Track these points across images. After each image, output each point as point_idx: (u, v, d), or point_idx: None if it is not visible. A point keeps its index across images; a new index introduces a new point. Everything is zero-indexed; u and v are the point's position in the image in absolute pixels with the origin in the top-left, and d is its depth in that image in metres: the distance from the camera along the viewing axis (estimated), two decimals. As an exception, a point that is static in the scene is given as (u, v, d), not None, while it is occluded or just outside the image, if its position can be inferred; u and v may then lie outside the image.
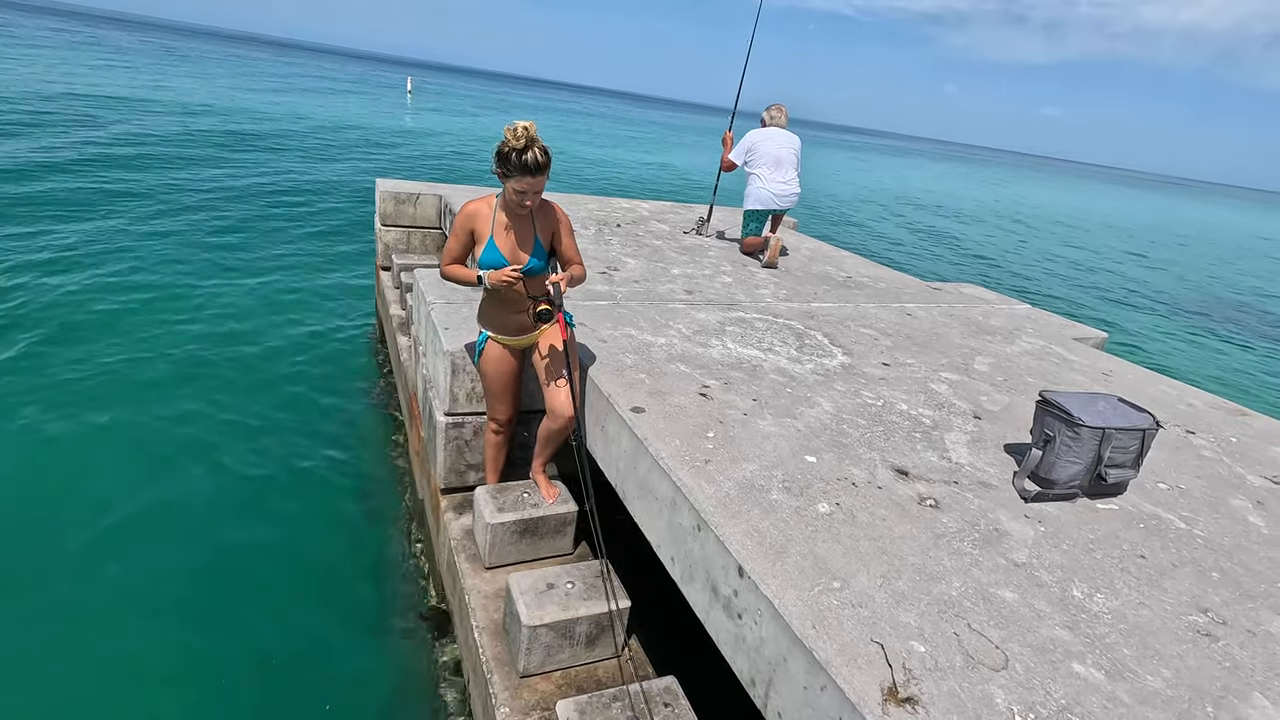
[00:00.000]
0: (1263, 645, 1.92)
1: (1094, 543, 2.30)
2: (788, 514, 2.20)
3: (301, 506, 4.34)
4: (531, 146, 2.49)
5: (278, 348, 6.51)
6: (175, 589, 3.55)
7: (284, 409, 5.45)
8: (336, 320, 7.44)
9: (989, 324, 4.94)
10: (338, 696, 3.09)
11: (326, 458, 4.90)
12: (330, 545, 4.03)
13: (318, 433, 5.20)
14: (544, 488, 3.20)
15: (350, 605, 3.61)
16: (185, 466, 4.55)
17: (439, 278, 4.25)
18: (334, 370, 6.27)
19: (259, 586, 3.64)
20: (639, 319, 3.89)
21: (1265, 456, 3.26)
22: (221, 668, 3.14)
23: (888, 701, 1.54)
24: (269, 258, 9.11)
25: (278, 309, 7.47)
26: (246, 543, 3.95)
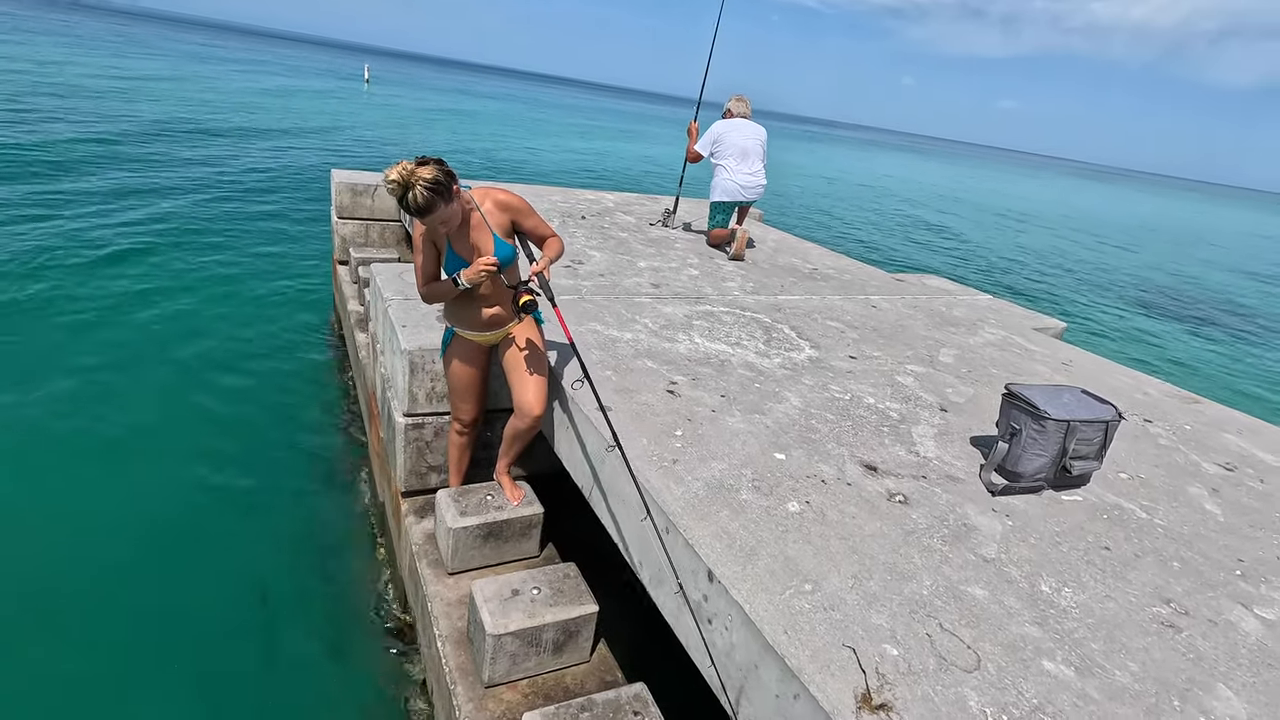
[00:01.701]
0: (1224, 635, 1.94)
1: (1060, 535, 2.30)
2: (757, 514, 2.16)
3: (256, 511, 4.16)
4: (409, 191, 2.26)
5: (228, 345, 6.26)
6: (124, 598, 3.36)
7: (236, 408, 5.24)
8: (292, 316, 7.18)
9: (952, 315, 4.98)
10: (299, 710, 2.96)
11: (282, 460, 4.71)
12: (287, 552, 3.88)
13: (273, 433, 5.01)
14: (509, 489, 3.11)
15: (309, 616, 3.47)
16: (132, 469, 4.34)
17: (396, 272, 4.11)
18: (290, 367, 6.05)
19: (209, 597, 3.48)
20: (605, 314, 3.81)
21: (1218, 444, 3.33)
22: (175, 683, 2.98)
23: (861, 709, 1.51)
24: (218, 252, 8.76)
25: (228, 304, 7.19)
26: (197, 551, 3.77)
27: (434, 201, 2.29)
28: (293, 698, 3.02)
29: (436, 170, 2.31)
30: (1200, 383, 9.91)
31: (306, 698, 3.03)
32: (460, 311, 2.79)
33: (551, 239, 2.74)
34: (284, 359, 6.17)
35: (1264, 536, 2.51)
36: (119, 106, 18.42)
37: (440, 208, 2.32)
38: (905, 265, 14.59)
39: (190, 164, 13.30)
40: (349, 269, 6.76)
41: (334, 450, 4.94)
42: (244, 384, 5.63)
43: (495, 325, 2.81)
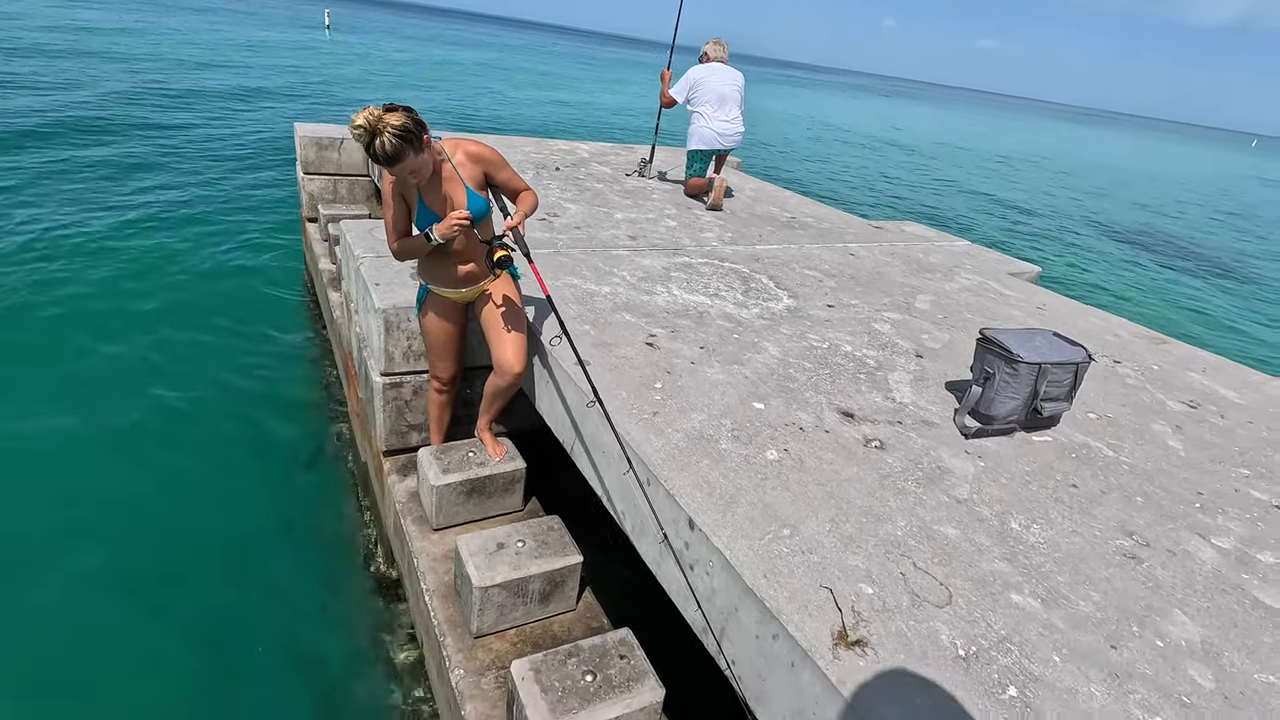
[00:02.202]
0: (1181, 564, 2.03)
1: (1030, 475, 2.37)
2: (737, 463, 2.19)
3: (238, 476, 4.14)
4: (376, 138, 2.17)
5: (197, 309, 6.11)
6: (112, 564, 3.36)
7: (210, 373, 5.15)
8: (261, 277, 7.01)
9: (929, 262, 5.00)
10: (290, 668, 3.01)
11: (262, 423, 4.67)
12: (272, 514, 3.88)
13: (250, 397, 4.95)
14: (490, 446, 3.12)
15: (297, 575, 3.50)
16: (110, 434, 4.28)
17: (367, 229, 4.01)
18: (262, 330, 5.93)
19: (197, 560, 3.48)
20: (582, 267, 3.77)
21: (1183, 382, 3.42)
22: (164, 642, 3.01)
23: (838, 645, 1.57)
24: (179, 209, 8.47)
25: (193, 268, 6.97)
26: (182, 515, 3.76)
27: (403, 150, 2.21)
28: (283, 653, 3.06)
29: (405, 117, 2.22)
30: (1172, 323, 10.11)
31: (297, 653, 3.08)
32: (434, 268, 2.74)
33: (525, 193, 2.68)
34: (256, 322, 6.05)
35: (1222, 470, 2.60)
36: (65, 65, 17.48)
37: (409, 157, 2.25)
38: (884, 213, 14.56)
39: (142, 122, 12.73)
40: (318, 227, 6.59)
41: (312, 412, 4.90)
42: (215, 347, 5.52)
43: (470, 282, 2.76)
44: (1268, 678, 1.66)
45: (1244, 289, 13.14)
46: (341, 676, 3.01)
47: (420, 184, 2.44)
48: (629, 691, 2.10)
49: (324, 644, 3.14)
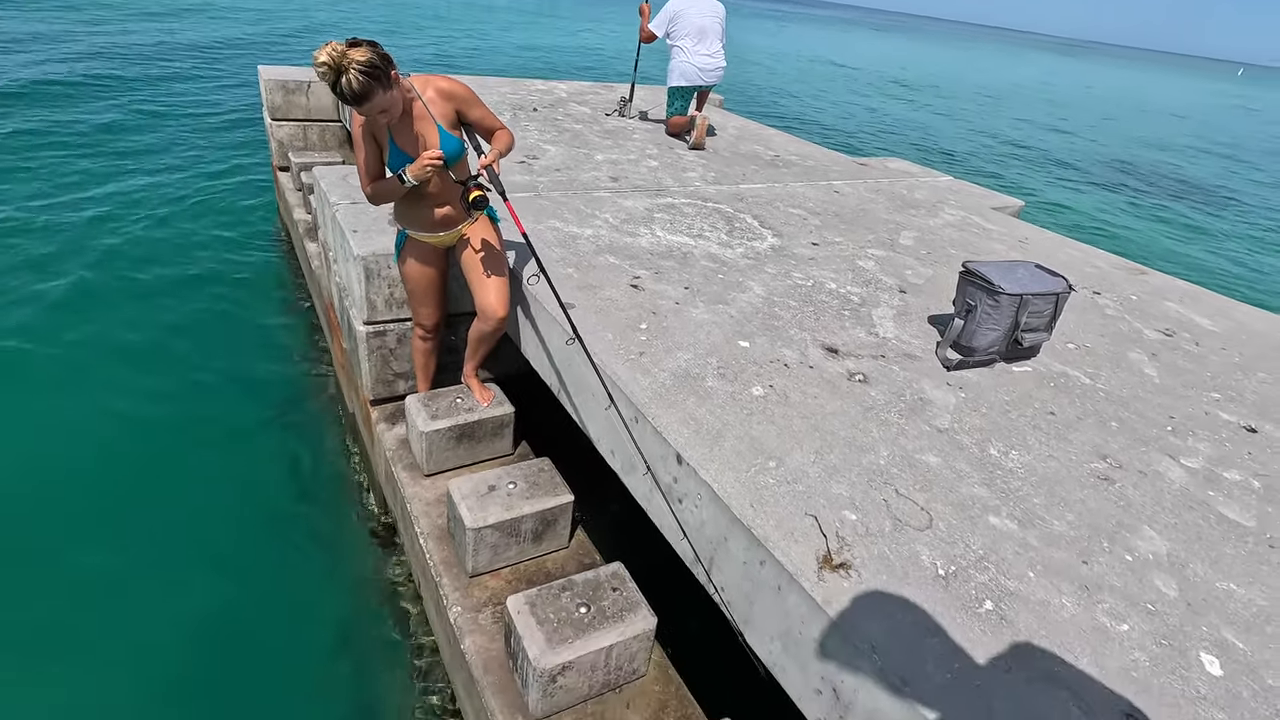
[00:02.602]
0: (1152, 484, 2.10)
1: (1009, 404, 2.42)
2: (723, 399, 2.21)
3: (224, 430, 4.13)
4: (341, 76, 2.08)
5: (171, 267, 5.96)
6: (105, 522, 3.38)
7: (185, 332, 5.05)
8: (235, 231, 6.82)
9: (913, 198, 4.97)
10: (291, 614, 3.07)
11: (245, 380, 4.63)
12: (263, 468, 3.89)
13: (230, 354, 4.89)
14: (477, 392, 3.12)
15: (292, 525, 3.54)
16: (88, 394, 4.23)
17: (341, 175, 3.91)
18: (240, 286, 5.82)
19: (190, 514, 3.51)
20: (563, 210, 3.71)
21: (1160, 311, 3.48)
22: (165, 596, 3.05)
23: (823, 569, 1.62)
24: (144, 160, 8.18)
25: (163, 224, 6.75)
26: (169, 473, 3.76)
27: (370, 87, 2.13)
28: (284, 600, 3.12)
29: (370, 52, 2.14)
30: (1154, 254, 10.19)
31: (297, 599, 3.14)
32: (411, 212, 2.68)
33: (500, 131, 2.60)
34: (231, 278, 5.92)
35: (1194, 395, 2.68)
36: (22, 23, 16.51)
37: (378, 94, 2.16)
38: (870, 149, 14.37)
39: (103, 78, 12.14)
40: (291, 176, 6.41)
41: (296, 365, 4.87)
42: (193, 306, 5.41)
43: (448, 225, 2.71)
44: (1228, 585, 1.75)
45: (1225, 219, 13.23)
46: (342, 618, 3.08)
47: (391, 123, 2.36)
48: (622, 621, 2.17)
49: (323, 589, 3.21)
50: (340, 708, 2.72)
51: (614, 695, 2.25)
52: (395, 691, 2.80)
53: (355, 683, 2.81)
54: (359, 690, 2.78)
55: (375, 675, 2.86)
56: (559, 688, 2.10)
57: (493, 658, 2.34)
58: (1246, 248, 11.54)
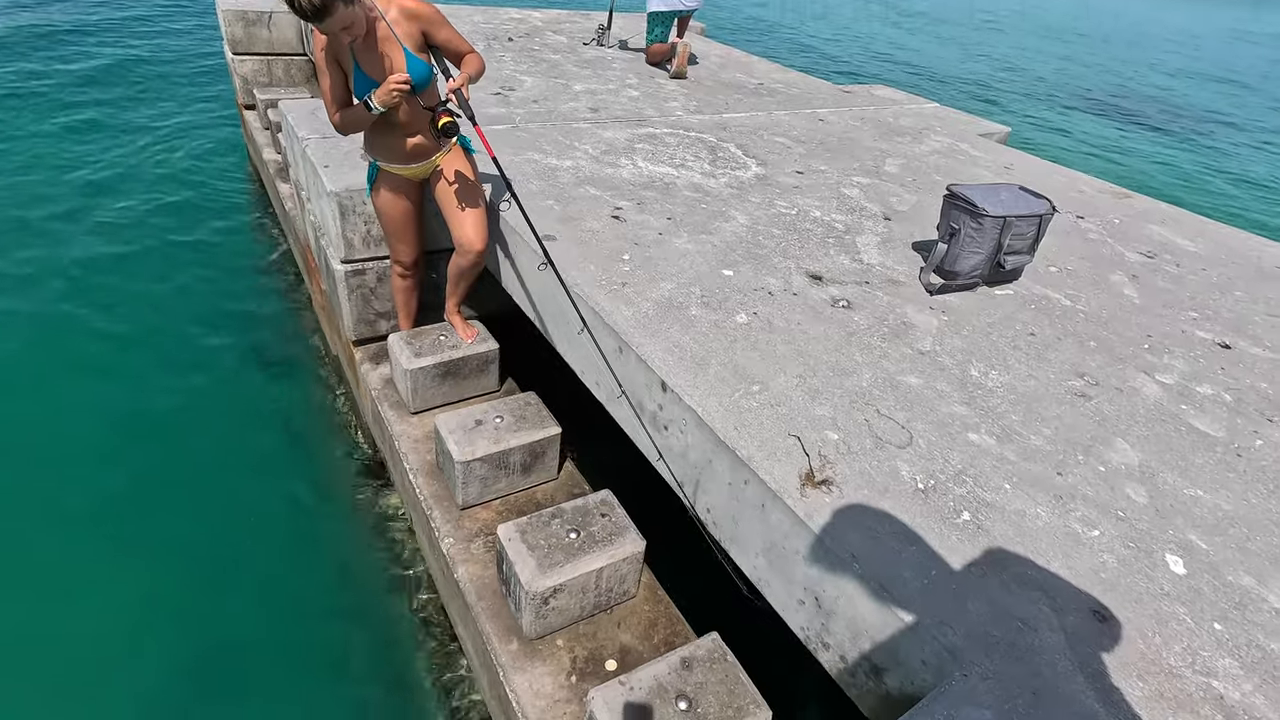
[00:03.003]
0: (1127, 400, 2.15)
1: (991, 326, 2.44)
2: (707, 328, 2.21)
3: (207, 379, 4.08)
4: None
5: (136, 215, 5.75)
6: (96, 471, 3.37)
7: (159, 284, 4.92)
8: (202, 175, 6.58)
9: (899, 125, 4.87)
10: (287, 554, 3.10)
11: (225, 326, 4.56)
12: (248, 413, 3.87)
13: (210, 301, 4.80)
14: (460, 328, 3.10)
15: (283, 467, 3.54)
16: (69, 351, 4.16)
17: (310, 109, 3.76)
18: (212, 233, 5.66)
19: (178, 461, 3.50)
20: (542, 142, 3.60)
21: (1142, 234, 3.48)
22: (166, 543, 3.07)
23: (805, 486, 1.66)
24: (98, 109, 7.81)
25: (123, 171, 6.49)
26: (155, 422, 3.73)
27: (330, 1, 2.02)
28: (280, 540, 3.16)
29: None
30: (1141, 179, 10.13)
31: (292, 539, 3.17)
32: (381, 143, 2.59)
33: (470, 55, 2.49)
34: (204, 225, 5.74)
35: (1171, 314, 2.71)
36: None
37: (338, 8, 2.05)
38: (860, 76, 14.00)
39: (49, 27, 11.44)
40: (257, 114, 6.16)
41: (276, 310, 4.79)
42: (164, 257, 5.25)
43: (421, 156, 2.62)
44: (1195, 492, 1.81)
45: (1214, 144, 13.14)
46: (338, 555, 3.13)
47: (355, 44, 2.25)
48: (612, 544, 2.22)
49: (318, 528, 3.24)
50: (342, 639, 2.79)
51: (605, 616, 2.33)
52: (394, 621, 2.88)
53: (355, 615, 2.88)
54: (359, 622, 2.85)
55: (374, 606, 2.93)
56: (551, 610, 2.16)
57: (486, 585, 2.39)
58: (1237, 172, 11.51)
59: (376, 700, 2.61)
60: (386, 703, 2.60)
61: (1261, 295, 2.98)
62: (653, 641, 2.28)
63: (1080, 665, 1.35)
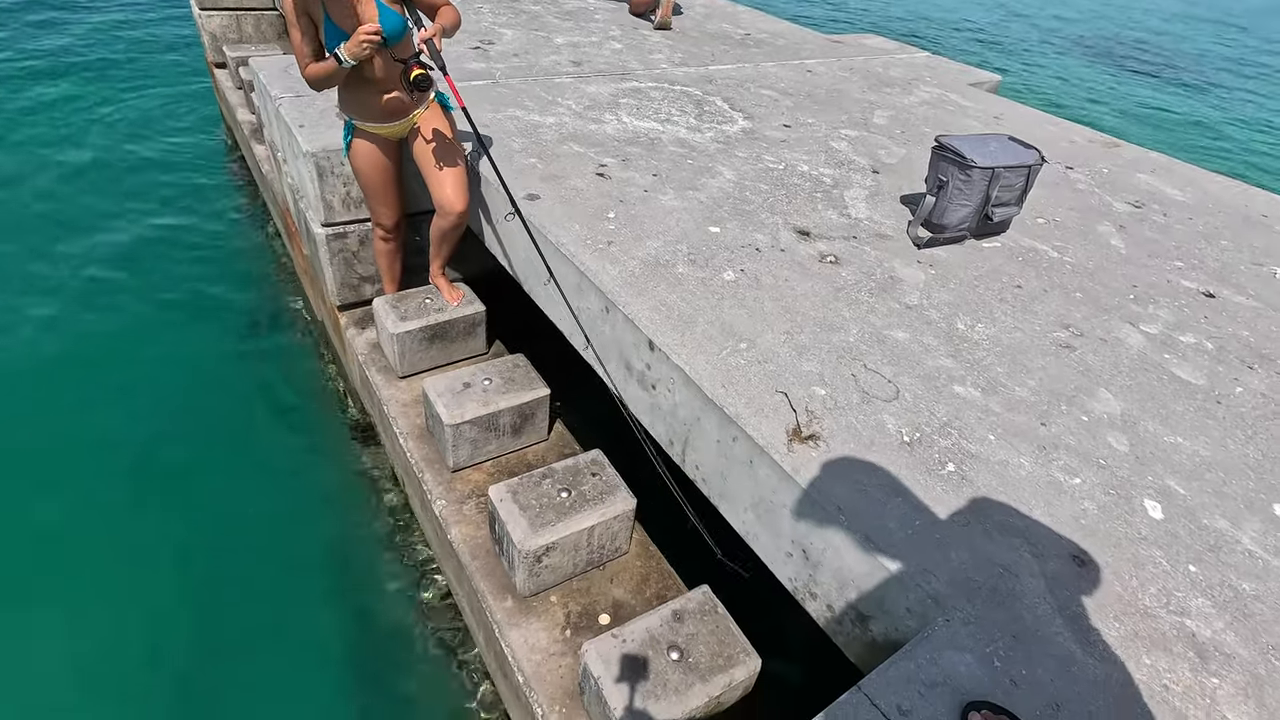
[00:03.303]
0: (1111, 350, 2.16)
1: (978, 279, 2.44)
2: (694, 285, 2.20)
3: (191, 350, 4.03)
4: None
5: (107, 182, 5.59)
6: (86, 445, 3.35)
7: (140, 249, 4.83)
8: (174, 138, 6.38)
9: (889, 75, 4.78)
10: (281, 520, 3.11)
11: (205, 294, 4.49)
12: (234, 381, 3.84)
13: (189, 269, 4.72)
14: (446, 291, 3.07)
15: (273, 435, 3.54)
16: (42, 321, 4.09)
17: (282, 66, 3.63)
18: (189, 200, 5.53)
19: (166, 433, 3.49)
20: (523, 98, 3.51)
21: (1130, 184, 3.46)
22: (160, 513, 3.08)
23: (792, 441, 1.67)
24: (58, 77, 7.52)
25: (93, 138, 6.27)
26: (138, 390, 3.70)
27: None
28: (273, 506, 3.17)
29: None
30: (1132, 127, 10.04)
31: (286, 505, 3.18)
32: (356, 100, 2.51)
33: (445, 7, 2.40)
34: (178, 189, 5.61)
35: (1157, 264, 2.71)
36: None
37: None
38: (850, 26, 13.68)
39: None
40: (228, 72, 5.96)
41: (258, 276, 4.72)
42: (139, 224, 5.14)
43: (397, 114, 2.55)
44: (1175, 439, 1.84)
45: (1208, 90, 13.00)
46: (333, 519, 3.15)
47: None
48: (603, 503, 2.25)
49: (311, 495, 3.25)
50: (338, 602, 2.83)
51: (598, 572, 2.36)
52: (392, 581, 2.92)
53: (352, 578, 2.92)
54: (356, 585, 2.89)
55: (370, 570, 2.96)
56: (544, 567, 2.19)
57: (479, 545, 2.42)
58: (1230, 119, 11.43)
59: (374, 660, 2.66)
60: (384, 662, 2.66)
61: (1247, 243, 2.99)
62: (645, 595, 2.33)
63: (1059, 608, 1.38)
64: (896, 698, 1.24)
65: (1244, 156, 9.71)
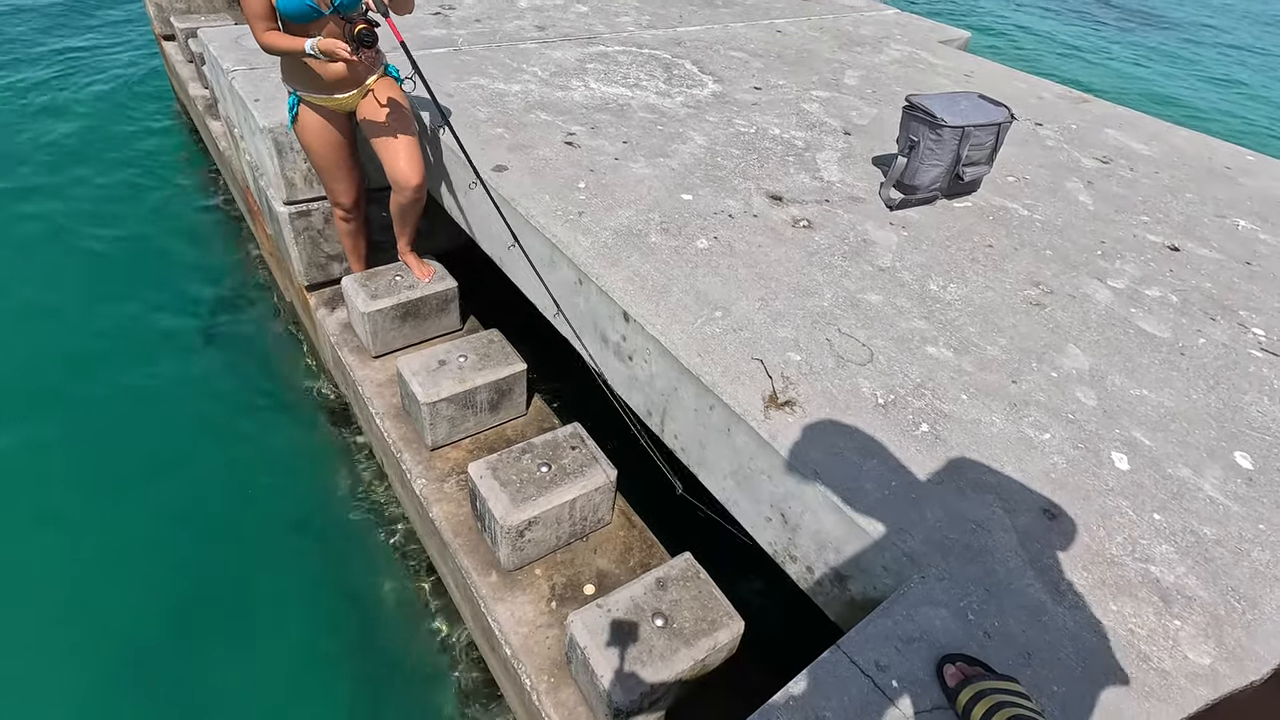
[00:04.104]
0: (1079, 306, 2.19)
1: (950, 239, 2.45)
2: (667, 254, 2.18)
3: (157, 335, 3.93)
4: None
5: (57, 165, 5.38)
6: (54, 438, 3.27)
7: (99, 235, 4.66)
8: (125, 119, 6.11)
9: (859, 34, 4.72)
10: (259, 507, 3.08)
11: (169, 279, 4.35)
12: (203, 367, 3.76)
13: (150, 253, 4.57)
14: (416, 268, 3.01)
15: (246, 419, 3.48)
16: None
17: (233, 38, 3.49)
18: (144, 173, 5.33)
19: (136, 421, 3.41)
20: (487, 65, 3.42)
21: (1099, 139, 3.48)
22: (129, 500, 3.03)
23: (769, 408, 1.68)
24: (7, 39, 7.16)
25: (41, 120, 6.00)
26: (110, 381, 3.60)
27: None
28: (250, 493, 3.13)
29: None
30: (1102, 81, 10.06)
31: (264, 491, 3.15)
32: (299, 68, 2.39)
33: None
34: (133, 170, 5.40)
35: (1124, 219, 2.74)
36: None
37: None
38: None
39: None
40: (178, 45, 5.72)
41: (221, 257, 4.59)
42: (96, 210, 4.95)
43: (345, 86, 2.45)
44: (1141, 391, 1.88)
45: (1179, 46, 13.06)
46: (311, 503, 3.12)
47: None
48: (583, 475, 2.25)
49: (289, 479, 3.21)
50: (320, 585, 2.82)
51: (581, 543, 2.38)
52: (373, 562, 2.91)
53: (332, 560, 2.90)
54: (337, 568, 2.88)
55: (350, 552, 2.95)
56: (527, 541, 2.20)
57: (461, 522, 2.42)
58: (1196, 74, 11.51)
59: (359, 641, 2.66)
60: (370, 642, 2.66)
61: (1211, 195, 3.03)
62: (629, 565, 2.35)
63: (1030, 561, 1.42)
64: (875, 654, 1.27)
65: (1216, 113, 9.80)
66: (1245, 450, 1.73)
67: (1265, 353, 2.08)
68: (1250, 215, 2.90)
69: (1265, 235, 2.76)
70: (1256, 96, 10.36)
